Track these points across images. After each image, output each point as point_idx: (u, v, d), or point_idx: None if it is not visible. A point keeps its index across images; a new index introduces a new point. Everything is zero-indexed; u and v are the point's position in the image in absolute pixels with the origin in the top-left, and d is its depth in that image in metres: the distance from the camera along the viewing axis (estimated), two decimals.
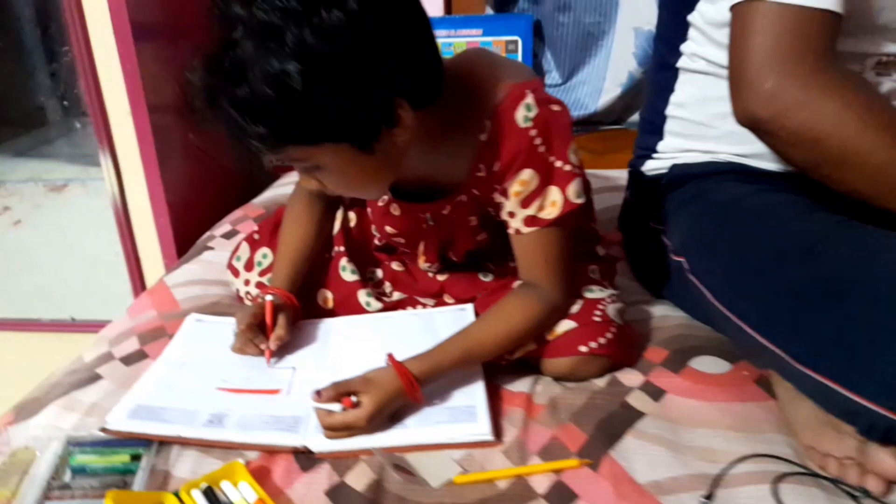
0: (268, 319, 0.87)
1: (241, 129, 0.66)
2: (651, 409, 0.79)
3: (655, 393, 0.81)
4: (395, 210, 0.93)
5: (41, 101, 1.43)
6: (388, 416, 0.77)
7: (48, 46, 1.35)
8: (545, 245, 0.82)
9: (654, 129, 1.00)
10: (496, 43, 1.49)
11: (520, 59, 1.50)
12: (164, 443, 0.75)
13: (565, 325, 0.83)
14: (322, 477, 0.71)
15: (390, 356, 0.77)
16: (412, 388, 0.75)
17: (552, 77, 1.59)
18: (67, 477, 0.69)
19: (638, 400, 0.80)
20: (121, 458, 0.72)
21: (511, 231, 0.83)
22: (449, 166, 0.84)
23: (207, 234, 1.30)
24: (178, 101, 1.33)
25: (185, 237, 1.34)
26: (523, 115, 0.76)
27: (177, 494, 0.67)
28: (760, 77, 0.71)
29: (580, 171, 0.79)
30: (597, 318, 0.83)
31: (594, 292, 0.87)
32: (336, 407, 0.74)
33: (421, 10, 0.72)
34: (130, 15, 1.18)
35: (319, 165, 0.73)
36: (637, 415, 0.78)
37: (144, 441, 0.74)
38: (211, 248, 1.23)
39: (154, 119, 1.26)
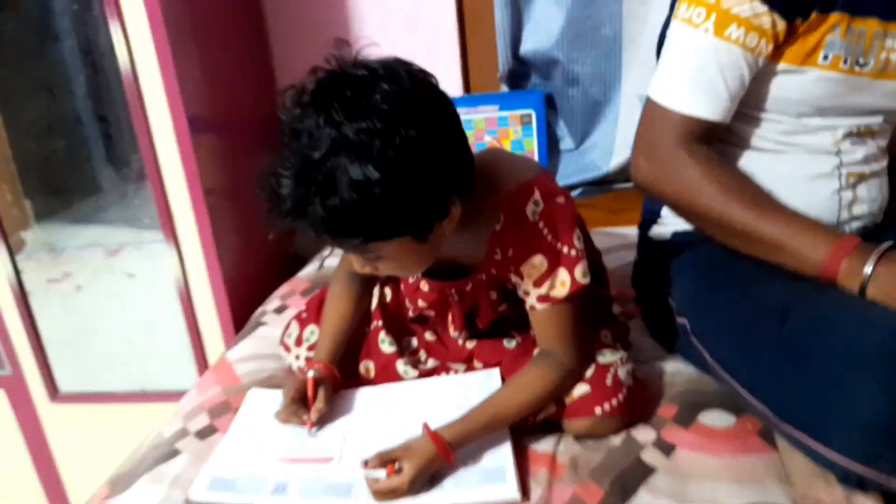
0: (309, 394, 0.99)
1: (327, 230, 0.77)
2: (662, 464, 0.88)
3: (667, 448, 0.91)
4: (425, 286, 1.05)
5: (96, 169, 1.54)
6: (428, 478, 0.88)
7: (101, 115, 1.48)
8: (558, 319, 0.93)
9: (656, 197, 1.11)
10: (512, 117, 1.62)
11: (534, 129, 1.63)
12: None
13: (581, 389, 0.94)
14: None
15: (425, 425, 0.88)
16: (446, 453, 0.86)
17: (566, 143, 1.71)
18: None
19: (650, 456, 0.90)
20: None
21: (527, 306, 0.95)
22: (469, 249, 0.97)
23: (260, 309, 1.45)
24: (228, 184, 1.49)
25: (240, 311, 1.49)
26: (532, 209, 0.88)
27: None
28: (637, 154, 0.96)
29: (584, 254, 0.91)
30: (609, 382, 0.94)
31: (606, 356, 0.97)
32: (381, 473, 0.85)
33: (457, 116, 0.85)
34: (187, 110, 1.34)
35: (382, 256, 0.85)
36: (649, 470, 0.87)
37: None
38: (264, 324, 1.37)
39: (209, 203, 1.41)
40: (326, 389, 1.01)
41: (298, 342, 1.17)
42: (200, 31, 1.41)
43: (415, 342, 1.15)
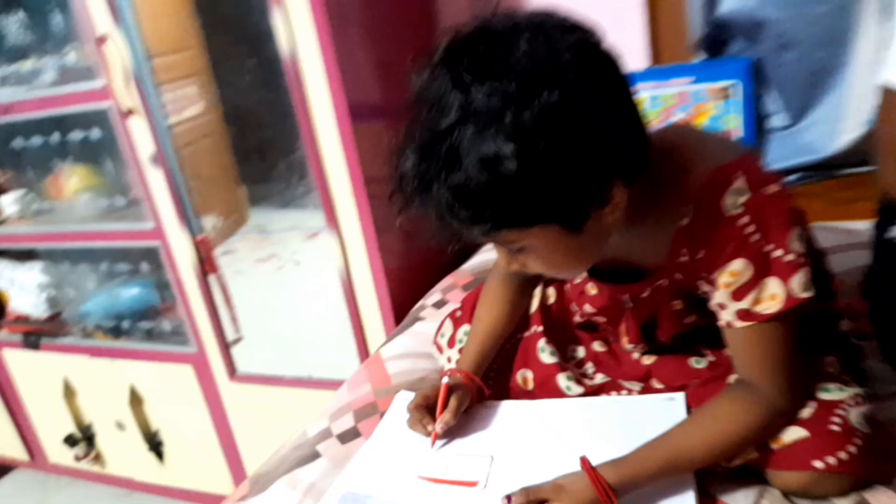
0: (439, 402, 0.88)
1: (452, 213, 0.64)
2: None
3: None
4: (592, 289, 0.89)
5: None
6: None
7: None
8: (764, 342, 0.72)
9: None
10: (710, 90, 1.38)
11: (740, 103, 1.37)
12: None
13: (794, 434, 0.72)
14: None
15: (584, 460, 0.73)
16: (607, 500, 0.70)
17: (778, 120, 1.42)
18: None
19: None
20: None
21: (722, 323, 0.75)
22: (645, 249, 0.79)
23: (420, 303, 1.37)
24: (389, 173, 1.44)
25: (401, 301, 1.43)
26: (732, 201, 0.68)
27: None
28: (886, 157, 0.80)
29: (806, 260, 0.69)
30: (835, 427, 0.71)
31: (831, 392, 0.74)
32: None
33: (628, 83, 0.68)
34: (348, 96, 1.30)
35: (526, 247, 0.71)
36: None
37: None
38: (422, 319, 1.29)
39: (370, 191, 1.36)
40: (460, 400, 0.89)
41: (451, 343, 1.06)
42: (364, 14, 1.36)
43: (581, 352, 0.99)
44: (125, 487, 2.15)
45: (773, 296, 0.69)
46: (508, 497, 0.73)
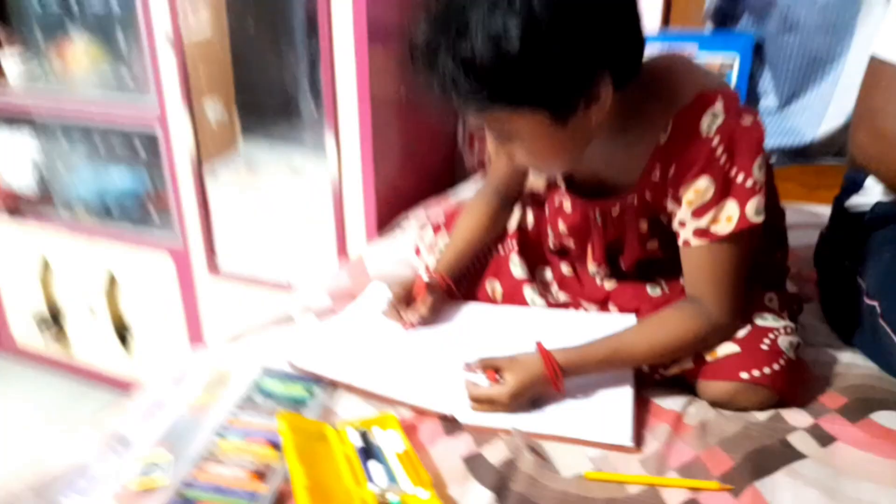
0: (417, 296, 0.96)
1: (454, 85, 0.70)
2: (814, 453, 0.73)
3: (823, 438, 0.75)
4: (567, 205, 0.95)
5: (295, 94, 1.63)
6: (531, 401, 0.80)
7: (310, 51, 1.54)
8: (714, 260, 0.79)
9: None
10: (711, 61, 1.44)
11: (734, 79, 1.43)
12: (333, 385, 0.86)
13: (727, 348, 0.80)
14: (462, 444, 0.76)
15: (539, 343, 0.80)
16: (555, 375, 0.78)
17: (768, 101, 1.49)
18: (257, 396, 0.82)
19: (801, 441, 0.75)
20: (298, 389, 0.84)
21: (680, 242, 0.82)
22: (623, 163, 0.85)
23: (403, 215, 1.43)
24: (397, 98, 1.48)
25: (386, 218, 1.49)
26: (708, 122, 0.75)
27: (336, 430, 0.76)
28: (859, 126, 0.85)
29: (763, 189, 0.76)
30: (765, 347, 0.79)
31: (767, 320, 0.83)
32: (482, 380, 0.79)
33: None
34: (369, 16, 1.34)
35: (514, 134, 0.76)
36: (796, 455, 0.72)
37: (319, 380, 0.86)
38: (403, 230, 1.35)
39: (374, 112, 1.41)
40: (435, 297, 0.97)
41: (430, 248, 1.13)
42: None
43: (549, 275, 1.06)
44: (89, 378, 2.18)
45: (728, 217, 0.76)
46: (467, 363, 0.81)
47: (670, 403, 0.83)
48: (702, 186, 0.76)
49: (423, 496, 0.67)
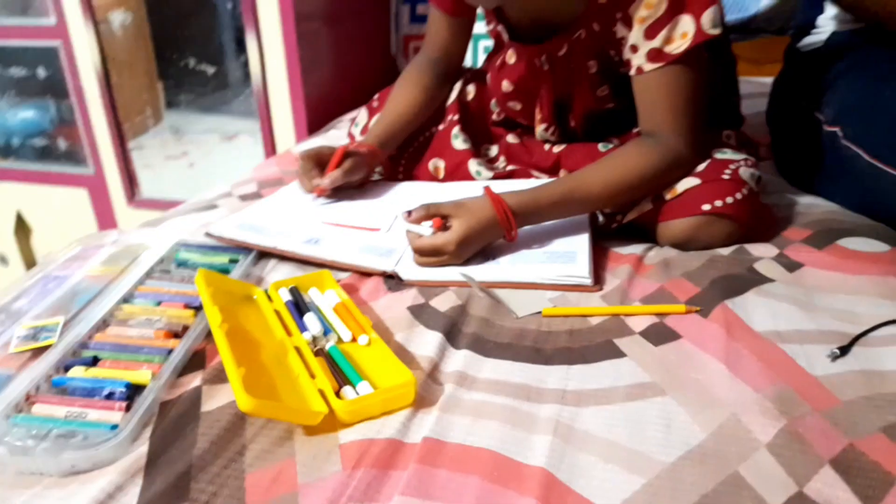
0: (332, 160, 0.86)
1: None
2: (782, 277, 0.68)
3: (790, 265, 0.70)
4: (511, 57, 0.88)
5: (228, 66, 1.52)
6: (480, 252, 0.73)
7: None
8: (670, 86, 0.73)
9: (814, 2, 0.89)
10: None
11: None
12: (262, 255, 0.77)
13: (687, 183, 0.75)
14: (407, 297, 0.68)
15: (487, 188, 0.73)
16: (506, 219, 0.70)
17: None
18: (171, 267, 0.72)
19: (768, 268, 0.70)
20: (220, 259, 0.74)
21: (633, 72, 0.75)
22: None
23: (336, 119, 1.33)
24: (329, 12, 1.38)
25: (316, 126, 1.38)
26: None
27: (265, 291, 0.67)
28: None
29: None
30: (726, 177, 0.74)
31: (726, 154, 0.77)
32: (426, 230, 0.71)
33: None
34: None
35: None
36: (764, 279, 0.68)
37: (244, 250, 0.76)
38: (336, 127, 1.25)
39: (299, 20, 1.30)
40: (354, 164, 0.88)
41: (364, 131, 1.04)
42: None
43: (494, 150, 0.98)
44: None
45: (684, 33, 0.70)
46: (409, 212, 0.73)
47: (630, 249, 0.77)
48: (653, 0, 0.69)
49: (363, 342, 0.59)
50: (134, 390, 0.51)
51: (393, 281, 0.72)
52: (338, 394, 0.52)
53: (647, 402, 0.51)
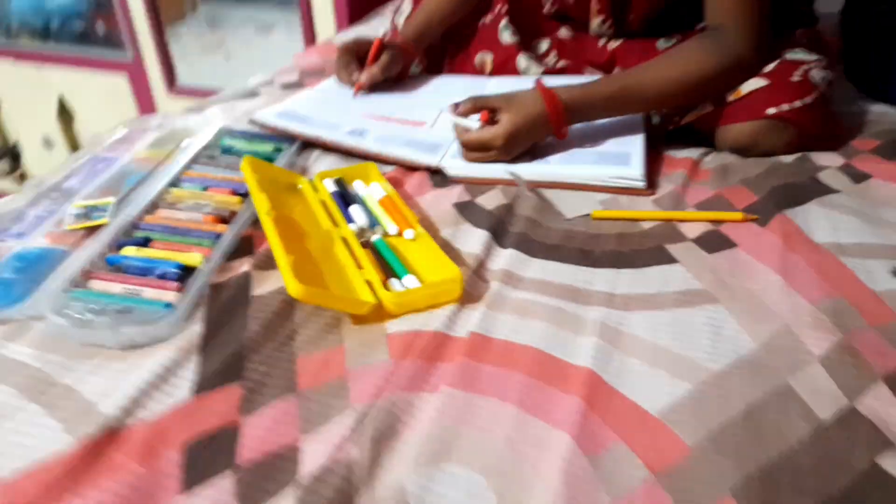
0: (370, 55, 0.85)
1: None
2: (847, 188, 0.65)
3: (857, 176, 0.67)
4: None
5: None
6: (529, 151, 0.70)
7: None
8: None
9: None
10: None
11: None
12: (306, 146, 0.76)
13: (753, 84, 0.70)
14: (454, 193, 0.67)
15: (538, 81, 0.69)
16: (557, 114, 0.67)
17: None
18: (216, 153, 0.72)
19: (832, 178, 0.67)
20: (265, 147, 0.73)
21: None
22: None
23: (379, 7, 1.28)
24: None
25: (357, 14, 1.33)
26: None
27: (310, 181, 0.67)
28: None
29: None
30: (796, 79, 0.69)
31: (798, 54, 0.72)
32: (473, 123, 0.69)
33: None
34: None
35: None
36: (828, 190, 0.64)
37: (288, 139, 0.75)
38: (380, 15, 1.20)
39: None
40: (392, 58, 0.86)
41: (410, 19, 0.99)
42: None
43: (545, 45, 0.93)
44: None
45: None
46: (456, 104, 0.70)
47: (686, 153, 0.74)
48: None
49: (409, 236, 0.59)
50: (185, 272, 0.52)
51: (438, 177, 0.71)
52: (384, 286, 0.52)
53: (697, 308, 0.50)
